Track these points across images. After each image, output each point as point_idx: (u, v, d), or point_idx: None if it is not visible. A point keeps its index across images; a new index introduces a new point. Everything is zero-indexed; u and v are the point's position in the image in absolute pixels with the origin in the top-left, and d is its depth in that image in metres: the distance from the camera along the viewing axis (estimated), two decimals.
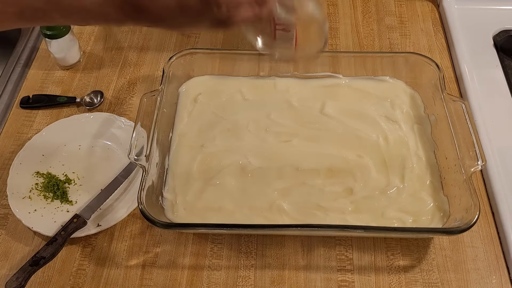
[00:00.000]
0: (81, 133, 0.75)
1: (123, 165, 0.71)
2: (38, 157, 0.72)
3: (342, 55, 0.79)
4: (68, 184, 0.71)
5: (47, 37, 0.80)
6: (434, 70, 0.74)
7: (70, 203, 0.69)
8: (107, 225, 0.66)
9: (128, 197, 0.69)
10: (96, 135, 0.75)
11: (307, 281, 0.63)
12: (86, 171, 0.72)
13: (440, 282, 0.63)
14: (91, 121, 0.76)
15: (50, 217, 0.67)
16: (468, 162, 0.64)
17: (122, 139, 0.74)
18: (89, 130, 0.76)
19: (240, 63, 0.80)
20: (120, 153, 0.73)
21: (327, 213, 0.66)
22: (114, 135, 0.75)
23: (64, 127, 0.75)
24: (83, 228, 0.65)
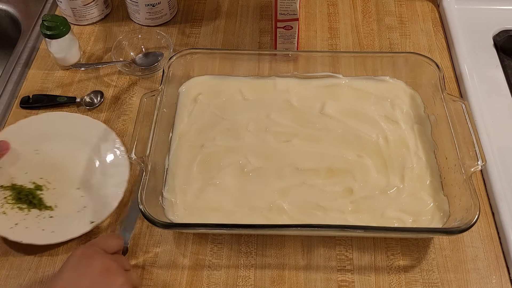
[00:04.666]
0: (33, 136, 0.73)
1: (89, 158, 0.71)
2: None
3: (342, 55, 0.79)
4: (40, 190, 0.69)
5: (47, 37, 0.80)
6: (434, 70, 0.74)
7: (50, 208, 0.67)
8: (100, 219, 0.65)
9: (115, 186, 0.68)
10: (50, 136, 0.73)
11: (307, 281, 0.63)
12: (54, 174, 0.70)
13: (440, 282, 0.63)
14: (40, 122, 0.74)
15: (36, 226, 0.65)
16: (468, 162, 0.64)
17: (79, 132, 0.73)
18: (42, 132, 0.73)
19: (240, 63, 0.80)
20: (82, 145, 0.72)
21: (327, 213, 0.66)
22: (69, 131, 0.73)
23: (13, 133, 0.72)
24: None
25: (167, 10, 0.91)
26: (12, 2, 0.98)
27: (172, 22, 0.94)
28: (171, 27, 0.93)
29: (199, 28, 0.93)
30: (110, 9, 0.95)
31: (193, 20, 0.94)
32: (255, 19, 0.94)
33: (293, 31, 0.82)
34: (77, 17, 0.91)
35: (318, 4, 0.97)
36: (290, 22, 0.81)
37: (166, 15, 0.92)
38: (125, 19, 0.94)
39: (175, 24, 0.93)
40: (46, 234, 0.64)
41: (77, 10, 0.90)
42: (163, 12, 0.91)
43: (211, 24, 0.93)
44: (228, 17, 0.95)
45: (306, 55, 0.79)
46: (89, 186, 0.69)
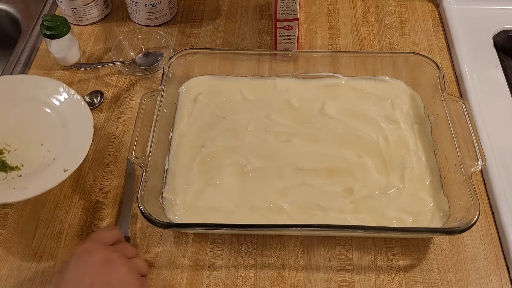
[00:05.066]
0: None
1: (44, 113, 0.70)
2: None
3: (342, 55, 0.79)
4: (1, 154, 0.68)
5: (47, 37, 0.80)
6: (434, 70, 0.74)
7: (17, 168, 0.67)
8: (74, 166, 0.65)
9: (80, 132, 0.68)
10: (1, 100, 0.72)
11: (307, 281, 0.63)
12: (12, 136, 0.70)
13: (440, 282, 0.63)
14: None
15: (5, 187, 0.65)
16: (468, 162, 0.64)
17: (27, 91, 0.72)
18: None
19: (240, 63, 0.80)
20: (33, 103, 0.71)
21: (327, 213, 0.66)
22: (16, 93, 0.72)
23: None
24: None
25: (167, 10, 0.91)
26: (12, 2, 0.98)
27: (172, 22, 0.94)
28: (171, 27, 0.93)
29: (199, 28, 0.93)
30: (110, 9, 0.95)
31: (193, 20, 0.94)
32: (255, 19, 0.94)
33: (293, 31, 0.82)
34: (77, 17, 0.91)
35: (318, 4, 0.97)
36: (290, 22, 0.81)
37: (166, 15, 0.92)
38: (125, 19, 0.94)
39: (175, 24, 0.93)
40: (18, 192, 0.64)
41: (77, 10, 0.90)
42: (163, 12, 0.91)
43: (211, 24, 0.93)
44: (228, 17, 0.95)
45: (306, 55, 0.79)
46: (53, 139, 0.69)
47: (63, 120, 0.71)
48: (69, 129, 0.70)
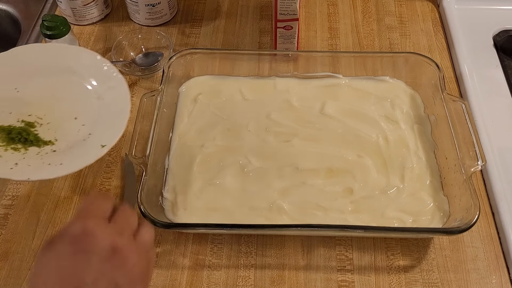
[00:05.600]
0: (8, 74, 0.65)
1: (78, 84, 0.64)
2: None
3: (342, 55, 0.79)
4: (33, 127, 0.63)
5: (47, 37, 0.80)
6: (434, 70, 0.74)
7: (50, 143, 0.62)
8: (112, 141, 0.60)
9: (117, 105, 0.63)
10: (28, 71, 0.65)
11: (307, 281, 0.63)
12: (44, 109, 0.64)
13: (440, 282, 0.63)
14: (12, 58, 0.66)
15: (40, 163, 0.59)
16: (468, 162, 0.64)
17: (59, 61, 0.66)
18: (18, 67, 0.66)
19: (240, 63, 0.80)
20: (67, 74, 0.65)
21: (327, 213, 0.66)
22: (48, 62, 0.66)
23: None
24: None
25: (167, 10, 0.91)
26: (12, 2, 0.98)
27: (172, 22, 0.94)
28: (171, 27, 0.93)
29: (199, 28, 0.93)
30: (110, 9, 0.95)
31: (193, 20, 0.94)
32: (255, 19, 0.94)
33: (293, 31, 0.82)
34: (77, 17, 0.91)
35: (318, 4, 0.97)
36: (290, 22, 0.81)
37: (166, 15, 0.92)
38: (125, 19, 0.94)
39: (175, 24, 0.93)
40: (54, 168, 0.59)
41: (77, 10, 0.90)
42: (163, 12, 0.91)
43: (211, 24, 0.93)
44: (228, 17, 0.95)
45: (306, 55, 0.79)
46: (88, 112, 0.63)
47: (98, 93, 0.65)
48: (105, 103, 0.64)
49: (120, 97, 0.64)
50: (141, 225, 0.48)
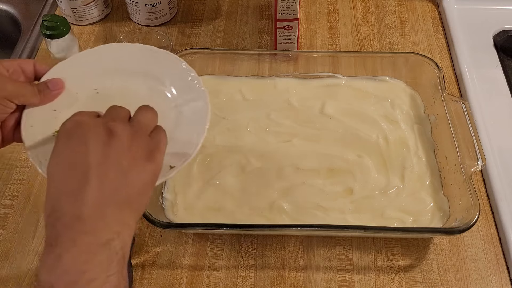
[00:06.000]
0: (90, 73, 0.60)
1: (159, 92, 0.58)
2: (50, 113, 0.56)
3: (342, 55, 0.79)
4: None
5: (47, 37, 0.80)
6: (434, 70, 0.74)
7: None
8: (181, 161, 0.53)
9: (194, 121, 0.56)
10: (110, 71, 0.60)
11: (307, 281, 0.63)
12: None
13: (440, 282, 0.63)
14: (95, 56, 0.61)
15: None
16: (468, 162, 0.64)
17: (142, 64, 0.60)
18: (100, 67, 0.60)
19: (240, 63, 0.80)
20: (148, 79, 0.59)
21: (327, 213, 0.66)
22: (131, 64, 0.60)
23: (66, 71, 0.59)
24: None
25: (167, 10, 0.91)
26: (12, 2, 0.98)
27: (172, 22, 0.94)
28: (171, 27, 0.93)
29: (199, 28, 0.93)
30: (110, 9, 0.95)
31: (193, 20, 0.94)
32: (255, 19, 0.94)
33: (293, 31, 0.82)
34: (77, 17, 0.91)
35: (318, 4, 0.97)
36: (290, 22, 0.81)
37: (166, 15, 0.92)
38: (125, 19, 0.94)
39: (175, 24, 0.93)
40: None
41: (77, 10, 0.90)
42: (163, 12, 0.91)
43: (211, 24, 0.93)
44: (228, 17, 0.95)
45: (306, 55, 0.79)
46: (164, 124, 0.54)
47: (177, 104, 0.58)
48: (182, 115, 0.57)
49: (199, 116, 0.57)
50: (138, 108, 0.49)
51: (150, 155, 0.44)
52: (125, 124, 0.45)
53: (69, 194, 0.40)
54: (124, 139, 0.43)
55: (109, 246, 0.39)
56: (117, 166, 0.42)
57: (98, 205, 0.40)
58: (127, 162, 0.42)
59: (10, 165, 0.74)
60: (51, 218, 0.40)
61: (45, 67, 0.55)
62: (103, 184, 0.40)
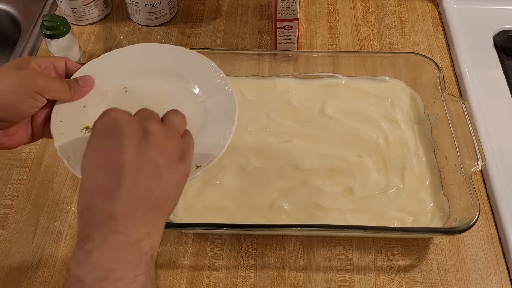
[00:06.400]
0: (120, 72, 0.60)
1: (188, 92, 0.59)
2: (80, 109, 0.56)
3: (342, 55, 0.79)
4: None
5: (47, 37, 0.80)
6: (434, 70, 0.74)
7: None
8: (207, 162, 0.54)
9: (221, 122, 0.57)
10: (139, 71, 0.60)
11: (307, 281, 0.63)
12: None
13: (440, 282, 0.63)
14: (127, 55, 0.62)
15: None
16: (468, 162, 0.64)
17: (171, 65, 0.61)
18: (130, 66, 0.61)
19: (240, 63, 0.80)
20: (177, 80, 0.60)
21: (327, 213, 0.66)
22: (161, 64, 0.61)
23: (97, 69, 0.60)
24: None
25: (167, 10, 0.91)
26: (12, 2, 0.98)
27: (172, 22, 0.94)
28: (171, 27, 0.93)
29: (199, 28, 0.93)
30: (110, 9, 0.95)
31: (193, 20, 0.94)
32: (255, 19, 0.94)
33: (293, 31, 0.82)
34: (77, 17, 0.91)
35: (318, 4, 0.97)
36: (290, 22, 0.81)
37: (166, 15, 0.92)
38: (125, 19, 0.94)
39: (175, 24, 0.93)
40: None
41: (77, 10, 0.90)
42: (163, 12, 0.91)
43: (211, 24, 0.93)
44: (228, 17, 0.95)
45: (306, 55, 0.79)
46: (191, 124, 0.55)
47: (205, 106, 0.59)
48: (210, 115, 0.58)
49: (226, 116, 0.58)
50: (167, 112, 0.48)
51: (182, 156, 0.45)
52: (159, 123, 0.45)
53: (103, 191, 0.40)
54: (160, 138, 0.43)
55: (138, 247, 0.39)
56: (152, 165, 0.41)
57: (131, 205, 0.40)
58: (162, 161, 0.42)
59: (10, 165, 0.74)
60: (84, 214, 0.40)
61: (76, 65, 0.57)
62: (136, 183, 0.40)
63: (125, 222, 0.39)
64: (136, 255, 0.39)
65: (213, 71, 0.61)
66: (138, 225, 0.40)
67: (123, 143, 0.41)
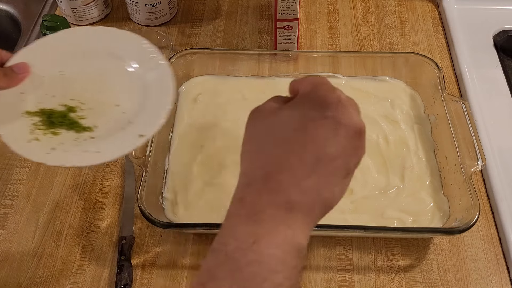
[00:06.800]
0: (54, 57, 0.63)
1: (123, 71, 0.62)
2: (17, 96, 0.59)
3: (342, 55, 0.79)
4: (74, 112, 0.60)
5: None
6: (434, 70, 0.74)
7: (90, 129, 0.59)
8: (151, 132, 0.57)
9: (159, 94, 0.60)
10: (74, 54, 0.63)
11: (307, 281, 0.63)
12: (86, 94, 0.62)
13: (440, 282, 0.63)
14: (59, 40, 0.64)
15: (76, 149, 0.57)
16: (468, 162, 0.64)
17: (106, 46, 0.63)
18: (64, 50, 0.63)
19: (240, 63, 0.80)
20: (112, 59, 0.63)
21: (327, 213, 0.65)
22: (95, 46, 0.64)
23: (31, 55, 0.61)
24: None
25: (167, 10, 0.91)
26: (12, 2, 0.98)
27: (172, 22, 0.94)
28: (171, 27, 0.93)
29: (199, 28, 0.93)
30: (110, 9, 0.95)
31: (193, 20, 0.94)
32: (255, 19, 0.94)
33: (293, 31, 0.82)
34: (77, 17, 0.91)
35: (318, 4, 0.97)
36: (290, 22, 0.81)
37: (166, 15, 0.92)
38: (125, 19, 0.94)
39: (175, 24, 0.93)
40: (90, 155, 0.57)
41: (77, 10, 0.90)
42: (163, 12, 0.91)
43: (211, 24, 0.93)
44: (228, 17, 0.95)
45: (306, 55, 0.79)
46: (130, 100, 0.60)
47: (143, 80, 0.62)
48: (148, 91, 0.61)
49: (164, 87, 0.61)
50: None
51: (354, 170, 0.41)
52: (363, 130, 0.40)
53: (292, 173, 0.36)
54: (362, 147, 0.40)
55: (300, 252, 0.36)
56: (344, 169, 0.39)
57: (310, 201, 0.36)
58: (352, 168, 0.40)
59: (10, 165, 0.74)
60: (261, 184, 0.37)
61: (8, 54, 0.57)
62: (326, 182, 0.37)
63: (297, 218, 0.36)
64: (297, 261, 0.35)
65: (146, 47, 0.64)
66: (307, 224, 0.36)
67: (337, 136, 0.37)
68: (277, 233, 0.34)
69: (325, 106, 0.38)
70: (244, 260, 0.34)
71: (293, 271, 0.34)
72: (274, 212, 0.35)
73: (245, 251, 0.34)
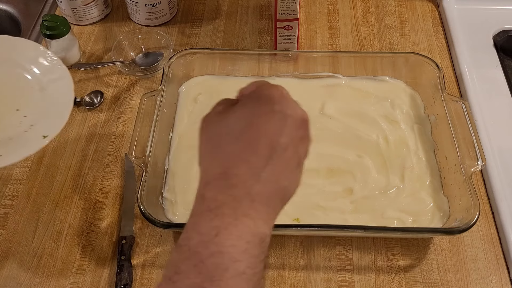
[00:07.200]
0: None
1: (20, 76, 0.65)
2: None
3: (342, 55, 0.79)
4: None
5: (47, 37, 0.80)
6: (434, 70, 0.74)
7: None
8: (54, 132, 0.60)
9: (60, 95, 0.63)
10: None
11: (307, 281, 0.63)
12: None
13: (440, 282, 0.63)
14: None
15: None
16: (468, 162, 0.64)
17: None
18: None
19: (240, 63, 0.80)
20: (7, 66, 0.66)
21: (327, 213, 0.66)
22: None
23: None
24: None
25: (167, 10, 0.91)
26: (12, 2, 0.98)
27: (172, 22, 0.94)
28: (171, 27, 0.93)
29: (199, 28, 0.93)
30: (110, 9, 0.95)
31: (193, 20, 0.94)
32: (255, 19, 0.94)
33: (293, 31, 0.82)
34: (77, 17, 0.91)
35: (318, 4, 0.97)
36: (290, 22, 0.81)
37: (166, 15, 0.92)
38: (125, 19, 0.94)
39: (175, 24, 0.93)
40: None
41: (77, 10, 0.90)
42: (163, 12, 0.91)
43: (211, 24, 0.93)
44: (228, 17, 0.95)
45: (306, 55, 0.79)
46: (30, 104, 0.63)
47: (41, 84, 0.65)
48: (48, 94, 0.64)
49: (64, 88, 0.64)
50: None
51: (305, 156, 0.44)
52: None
53: (249, 165, 0.38)
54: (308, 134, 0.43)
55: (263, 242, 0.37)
56: (298, 158, 0.41)
57: (268, 191, 0.38)
58: (303, 156, 0.42)
59: (10, 165, 0.74)
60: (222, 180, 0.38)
61: None
62: (281, 170, 0.39)
63: (258, 209, 0.37)
64: (259, 251, 0.36)
65: (43, 52, 0.67)
66: (268, 214, 0.38)
67: (285, 127, 0.40)
68: (238, 225, 0.36)
69: (271, 101, 0.41)
70: (206, 252, 0.35)
71: (256, 260, 0.36)
72: (234, 205, 0.36)
73: (207, 243, 0.35)
